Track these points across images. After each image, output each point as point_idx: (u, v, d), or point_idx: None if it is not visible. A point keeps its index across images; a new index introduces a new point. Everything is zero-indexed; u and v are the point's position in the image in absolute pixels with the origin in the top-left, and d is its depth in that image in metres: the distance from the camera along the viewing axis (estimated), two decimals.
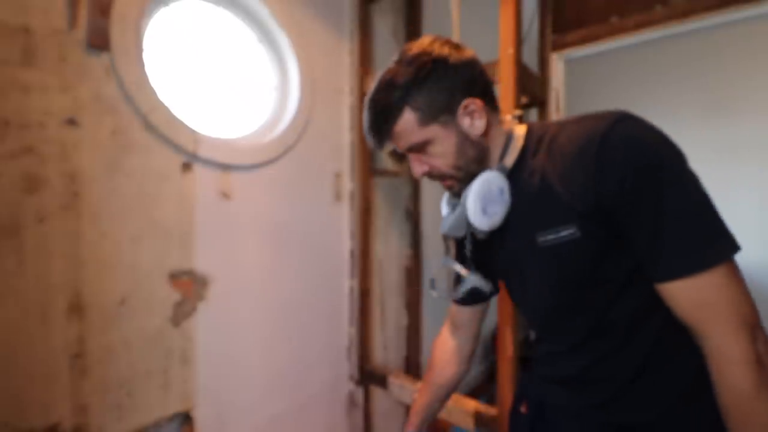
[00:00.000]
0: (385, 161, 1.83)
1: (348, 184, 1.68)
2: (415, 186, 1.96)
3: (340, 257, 1.67)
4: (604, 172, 0.52)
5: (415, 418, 0.86)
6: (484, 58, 1.25)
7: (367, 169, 1.68)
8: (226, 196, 1.27)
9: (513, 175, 0.64)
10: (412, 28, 1.94)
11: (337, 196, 1.65)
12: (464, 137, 0.63)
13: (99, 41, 0.98)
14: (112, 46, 1.01)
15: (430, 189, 2.09)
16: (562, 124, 0.62)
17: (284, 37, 1.44)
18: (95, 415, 1.00)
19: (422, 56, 0.61)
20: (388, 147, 0.67)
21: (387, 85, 0.62)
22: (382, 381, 1.56)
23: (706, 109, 2.85)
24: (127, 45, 1.04)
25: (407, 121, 0.62)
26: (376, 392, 1.76)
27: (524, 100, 1.52)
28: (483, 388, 2.62)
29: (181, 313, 1.17)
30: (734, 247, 0.51)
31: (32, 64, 0.89)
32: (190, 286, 1.18)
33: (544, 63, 1.67)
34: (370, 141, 0.66)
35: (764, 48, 2.66)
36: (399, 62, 0.62)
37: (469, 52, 0.64)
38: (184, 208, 1.17)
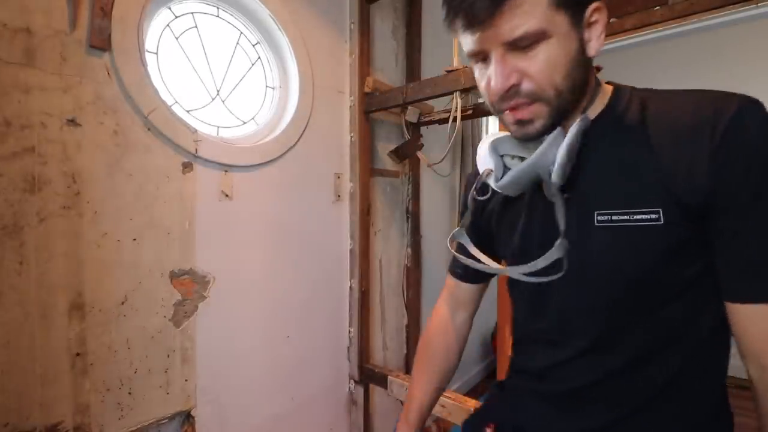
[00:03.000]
0: (385, 161, 1.84)
1: (348, 184, 1.68)
2: (415, 186, 1.96)
3: (340, 257, 1.67)
4: (730, 156, 0.42)
5: (415, 416, 0.73)
6: None
7: (367, 169, 1.69)
8: (226, 195, 1.27)
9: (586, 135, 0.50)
10: (412, 28, 1.94)
11: (337, 196, 1.65)
12: (581, 51, 0.48)
13: (100, 42, 0.99)
14: (113, 46, 1.01)
15: (429, 189, 2.10)
16: (657, 92, 0.52)
17: (284, 37, 1.45)
18: (96, 414, 1.01)
19: None
20: (492, 30, 0.46)
21: None
22: (382, 380, 1.56)
23: None
24: (128, 45, 1.04)
25: None
26: (376, 391, 1.76)
27: None
28: (483, 388, 2.62)
29: (182, 313, 1.17)
30: None
31: (33, 64, 0.90)
32: (190, 286, 1.19)
33: None
34: (482, 4, 0.45)
35: (764, 48, 2.66)
36: None
37: None
38: (184, 207, 1.17)
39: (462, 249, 0.59)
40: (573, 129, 0.47)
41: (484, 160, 0.56)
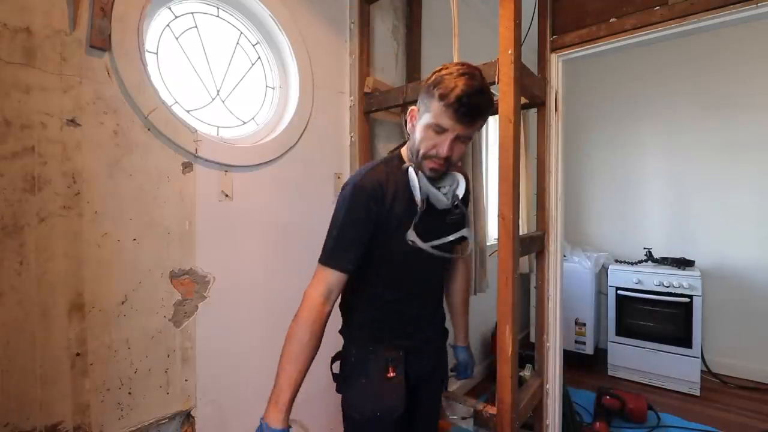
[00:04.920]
0: None
1: None
2: None
3: None
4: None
5: (288, 399, 0.86)
6: (483, 58, 1.26)
7: None
8: (226, 195, 1.27)
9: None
10: (412, 28, 1.94)
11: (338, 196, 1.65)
12: None
13: (100, 42, 0.99)
14: (113, 46, 1.01)
15: None
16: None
17: (284, 37, 1.45)
18: (96, 414, 1.01)
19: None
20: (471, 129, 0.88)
21: (488, 90, 0.88)
22: None
23: (706, 108, 2.85)
24: (128, 45, 1.04)
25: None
26: None
27: (523, 100, 1.52)
28: (483, 388, 2.62)
29: (182, 313, 1.17)
30: None
31: (33, 64, 0.90)
32: (190, 286, 1.19)
33: (543, 63, 1.67)
34: (470, 118, 0.85)
35: (763, 48, 2.66)
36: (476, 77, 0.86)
37: None
38: (185, 207, 1.17)
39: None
40: (461, 175, 0.97)
41: (425, 189, 0.92)
